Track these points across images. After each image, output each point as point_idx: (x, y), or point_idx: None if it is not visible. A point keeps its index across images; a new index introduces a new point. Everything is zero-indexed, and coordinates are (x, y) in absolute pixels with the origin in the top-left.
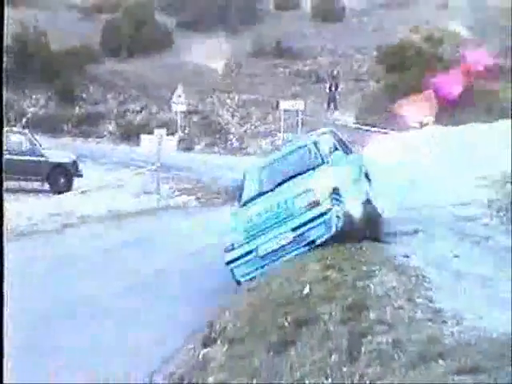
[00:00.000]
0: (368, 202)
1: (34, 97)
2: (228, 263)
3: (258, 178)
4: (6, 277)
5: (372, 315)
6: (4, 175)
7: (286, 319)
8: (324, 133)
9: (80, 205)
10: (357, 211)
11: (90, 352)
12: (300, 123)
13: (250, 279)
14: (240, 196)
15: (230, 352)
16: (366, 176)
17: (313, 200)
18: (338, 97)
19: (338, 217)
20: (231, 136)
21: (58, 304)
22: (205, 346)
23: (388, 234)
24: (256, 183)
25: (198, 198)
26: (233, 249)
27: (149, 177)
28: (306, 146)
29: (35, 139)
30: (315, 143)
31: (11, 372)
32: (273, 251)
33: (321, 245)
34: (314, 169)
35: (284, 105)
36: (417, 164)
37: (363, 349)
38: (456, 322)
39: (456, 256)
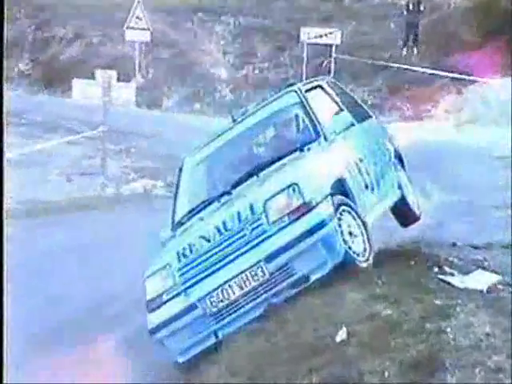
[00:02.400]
0: (403, 201)
1: None
2: (154, 331)
3: (204, 173)
4: None
5: (451, 378)
6: None
7: (310, 379)
8: (318, 86)
9: None
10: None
11: None
12: (333, 67)
13: (196, 358)
14: (173, 210)
15: None
16: (398, 157)
17: (299, 203)
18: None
19: (350, 233)
20: (222, 85)
21: None
22: None
23: (476, 248)
24: (200, 183)
25: (167, 184)
26: (161, 304)
27: (89, 148)
28: (287, 109)
29: None
30: (303, 104)
31: None
32: (233, 303)
33: (322, 282)
34: (301, 149)
35: (308, 35)
36: None
37: None
38: None
39: None
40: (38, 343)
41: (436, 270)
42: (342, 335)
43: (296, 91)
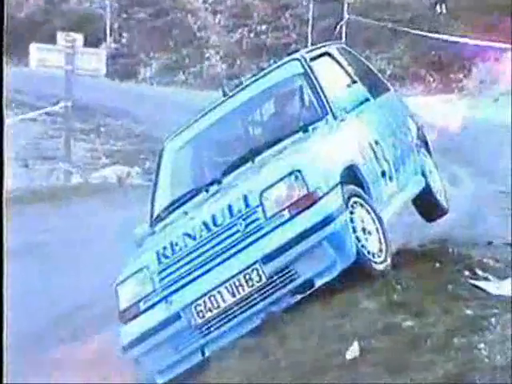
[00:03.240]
0: (427, 191)
1: None
2: (129, 347)
3: (189, 158)
4: None
5: None
6: None
7: None
8: (326, 53)
9: None
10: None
11: None
12: (345, 30)
13: (179, 379)
14: (152, 202)
15: None
16: (422, 138)
17: (303, 193)
18: None
19: (363, 229)
20: (212, 52)
21: None
22: None
23: None
24: (184, 170)
25: (145, 171)
26: (137, 314)
27: (49, 127)
28: (289, 81)
29: None
30: (307, 75)
31: None
32: (223, 313)
33: (329, 288)
34: (305, 129)
35: None
36: None
37: None
38: None
39: None
40: None
41: (467, 273)
42: (353, 352)
43: (299, 60)
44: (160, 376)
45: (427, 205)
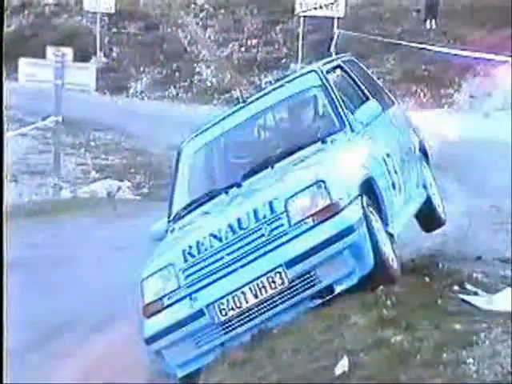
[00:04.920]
0: (428, 203)
1: None
2: (151, 340)
3: (209, 161)
4: None
5: None
6: None
7: None
8: (338, 66)
9: None
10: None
11: None
12: (334, 45)
13: (198, 372)
14: (170, 201)
15: None
16: (423, 151)
17: (326, 203)
18: None
19: (380, 238)
20: (202, 66)
21: None
22: None
23: (505, 262)
24: (204, 173)
25: (136, 186)
26: (161, 309)
27: (39, 141)
28: (305, 93)
29: None
30: (325, 88)
31: None
32: (246, 312)
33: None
34: (324, 141)
35: (305, 6)
36: None
37: None
38: None
39: None
40: None
41: (456, 288)
42: (342, 366)
43: (316, 72)
44: (180, 369)
45: (427, 216)
